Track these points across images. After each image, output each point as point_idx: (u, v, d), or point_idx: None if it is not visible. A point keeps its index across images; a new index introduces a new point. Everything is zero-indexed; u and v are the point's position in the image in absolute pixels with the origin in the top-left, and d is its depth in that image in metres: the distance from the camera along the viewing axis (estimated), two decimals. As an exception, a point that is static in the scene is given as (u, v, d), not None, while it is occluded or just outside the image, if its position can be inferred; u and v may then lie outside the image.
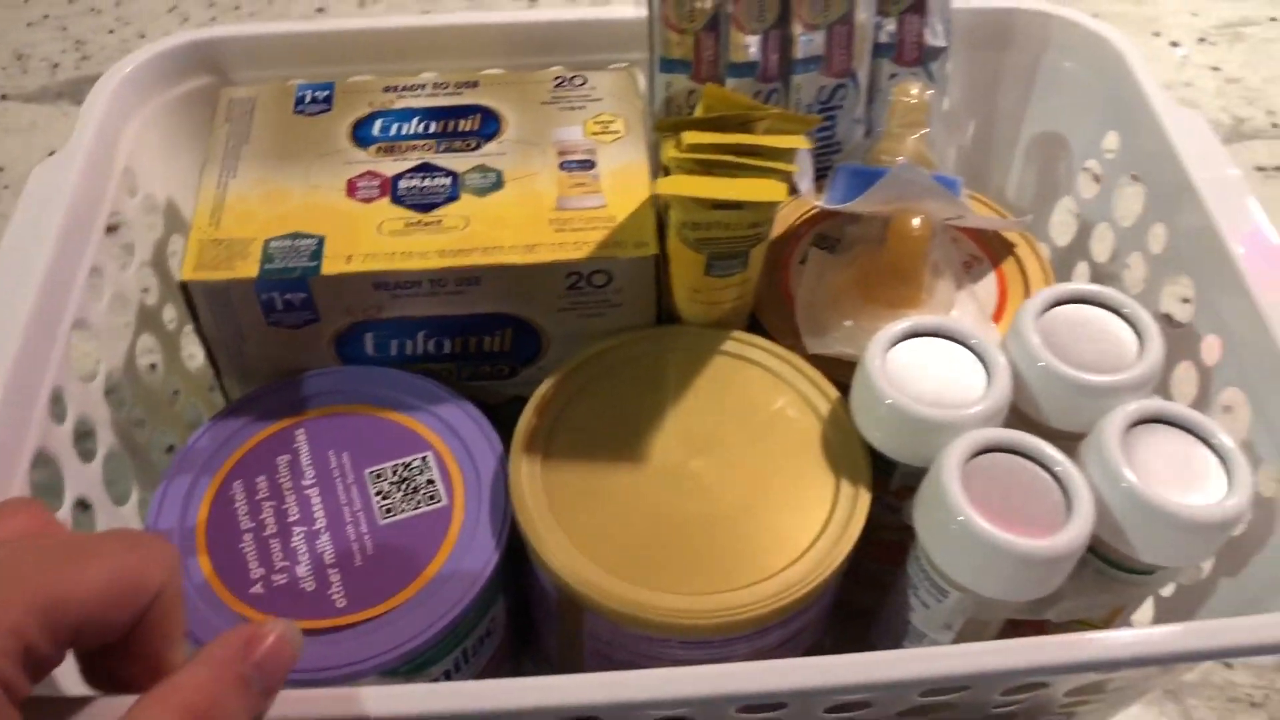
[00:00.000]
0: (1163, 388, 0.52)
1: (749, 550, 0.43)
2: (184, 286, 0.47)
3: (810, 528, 0.44)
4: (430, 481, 0.46)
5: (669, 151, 0.46)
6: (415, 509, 0.45)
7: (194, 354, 0.61)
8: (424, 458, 0.47)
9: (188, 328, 0.51)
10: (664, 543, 0.43)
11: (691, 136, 0.45)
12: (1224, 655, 0.39)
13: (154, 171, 0.56)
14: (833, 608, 0.48)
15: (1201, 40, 1.03)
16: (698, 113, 0.48)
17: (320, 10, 1.02)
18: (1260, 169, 0.90)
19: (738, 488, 0.45)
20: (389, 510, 0.45)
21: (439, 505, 0.45)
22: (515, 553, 0.46)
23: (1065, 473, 0.41)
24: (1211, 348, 0.49)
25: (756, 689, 0.37)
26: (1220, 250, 0.48)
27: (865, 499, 0.44)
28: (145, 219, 0.56)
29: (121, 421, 0.52)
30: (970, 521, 0.39)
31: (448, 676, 0.45)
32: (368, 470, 0.46)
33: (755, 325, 0.52)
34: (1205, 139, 0.52)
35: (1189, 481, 0.41)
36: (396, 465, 0.47)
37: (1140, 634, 0.38)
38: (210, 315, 0.48)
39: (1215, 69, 1.00)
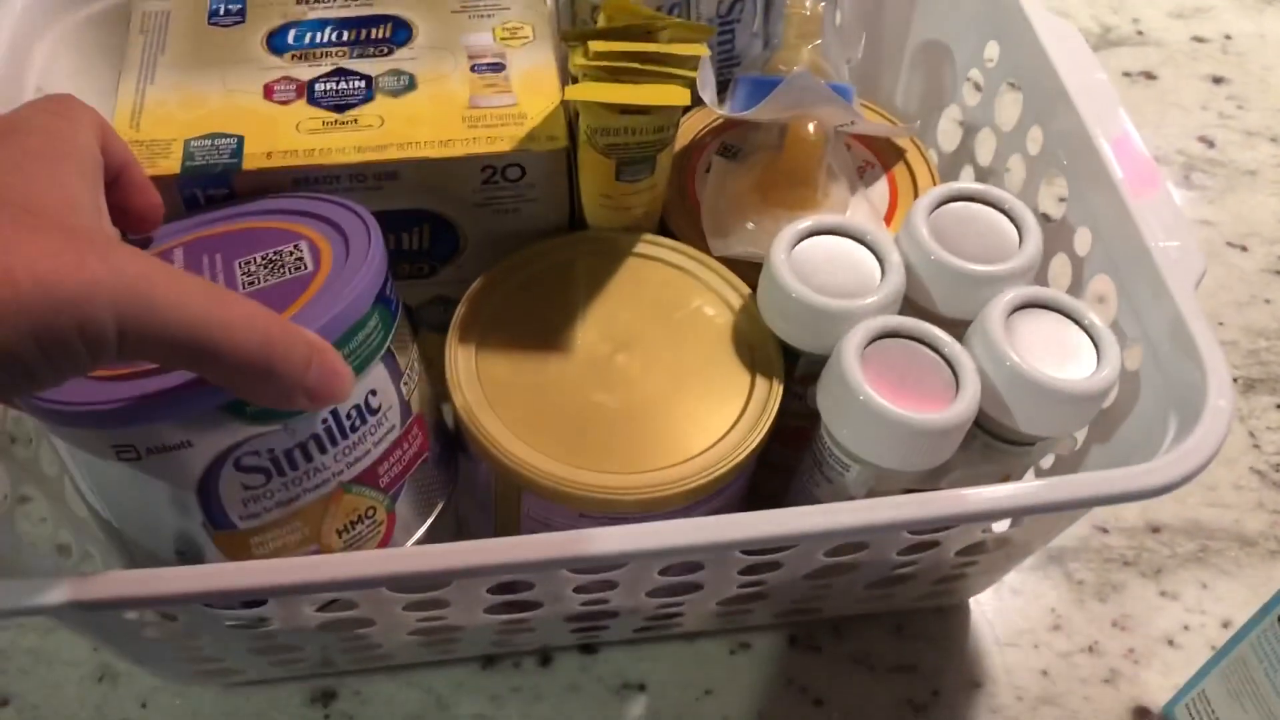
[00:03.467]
0: (1041, 277, 0.55)
1: (672, 435, 0.46)
2: (106, 186, 0.48)
3: (728, 414, 0.47)
4: (300, 260, 0.44)
5: (576, 60, 0.48)
6: (279, 278, 0.43)
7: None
8: (296, 244, 0.45)
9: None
10: (593, 429, 0.46)
11: (597, 45, 0.47)
12: (1085, 504, 0.42)
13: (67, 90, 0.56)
14: (747, 491, 0.51)
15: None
16: (600, 22, 0.50)
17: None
18: (1126, 74, 0.95)
19: (660, 379, 0.48)
20: (251, 284, 0.43)
21: (304, 272, 0.43)
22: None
23: (953, 353, 0.44)
24: (1083, 239, 0.53)
25: (679, 543, 0.40)
26: (1091, 151, 0.51)
27: (778, 387, 0.47)
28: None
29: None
30: (870, 399, 0.43)
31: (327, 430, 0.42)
32: (238, 261, 0.44)
33: (664, 231, 0.55)
34: (1078, 47, 0.55)
35: (1064, 359, 0.44)
36: (267, 253, 0.44)
37: (1013, 487, 0.42)
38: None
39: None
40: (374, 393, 0.43)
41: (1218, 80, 0.94)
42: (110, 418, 0.38)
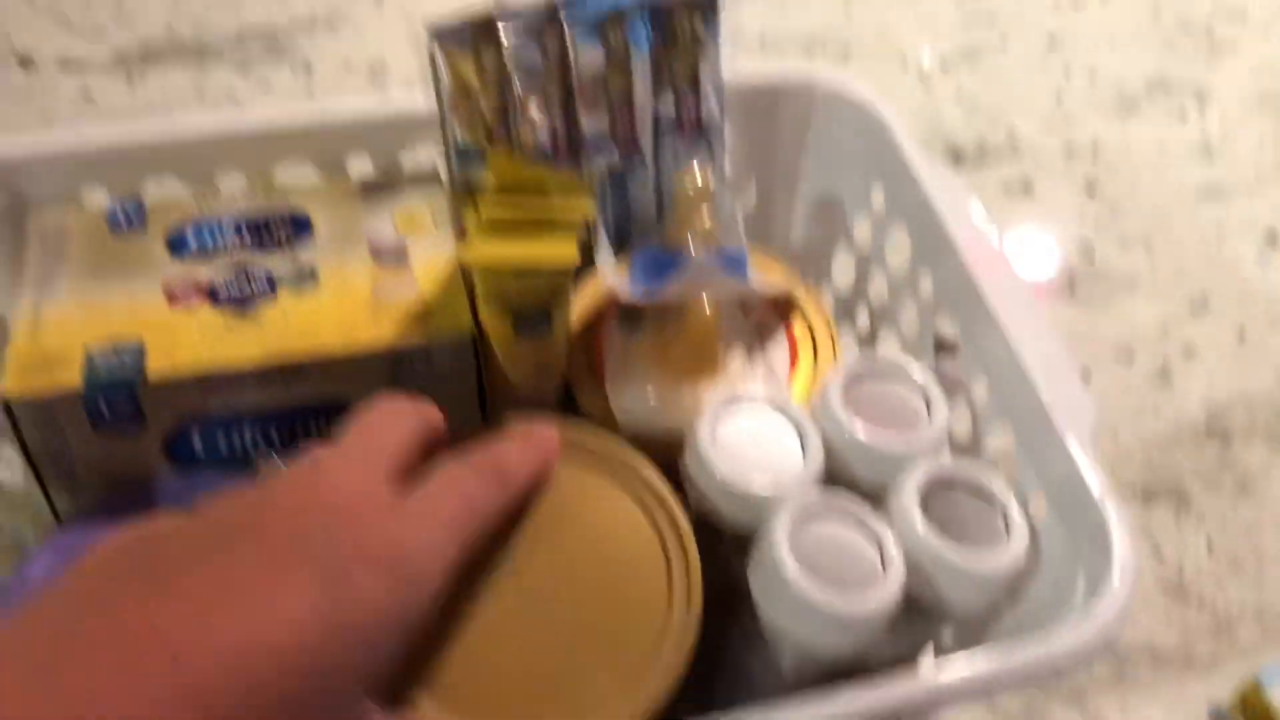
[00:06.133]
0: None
1: (606, 661, 0.43)
2: (5, 405, 0.48)
3: (653, 620, 0.44)
4: None
5: (468, 220, 0.49)
6: None
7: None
8: None
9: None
10: (521, 672, 0.42)
11: (488, 209, 0.48)
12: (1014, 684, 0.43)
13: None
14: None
15: (944, 67, 1.13)
16: (487, 181, 0.49)
17: (86, 95, 1.01)
18: (1004, 187, 0.99)
19: (575, 592, 0.44)
20: None
21: None
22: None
23: (880, 535, 0.46)
24: (980, 387, 0.55)
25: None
26: (978, 300, 0.53)
27: (696, 569, 0.45)
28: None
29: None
30: (802, 590, 0.43)
31: None
32: None
33: (570, 401, 0.55)
34: (959, 195, 0.58)
35: (979, 533, 0.46)
36: None
37: (945, 669, 0.42)
38: (34, 430, 0.49)
39: (958, 91, 1.09)
40: None
41: (1091, 189, 0.98)
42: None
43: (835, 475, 0.50)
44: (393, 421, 0.42)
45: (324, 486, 0.38)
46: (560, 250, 0.48)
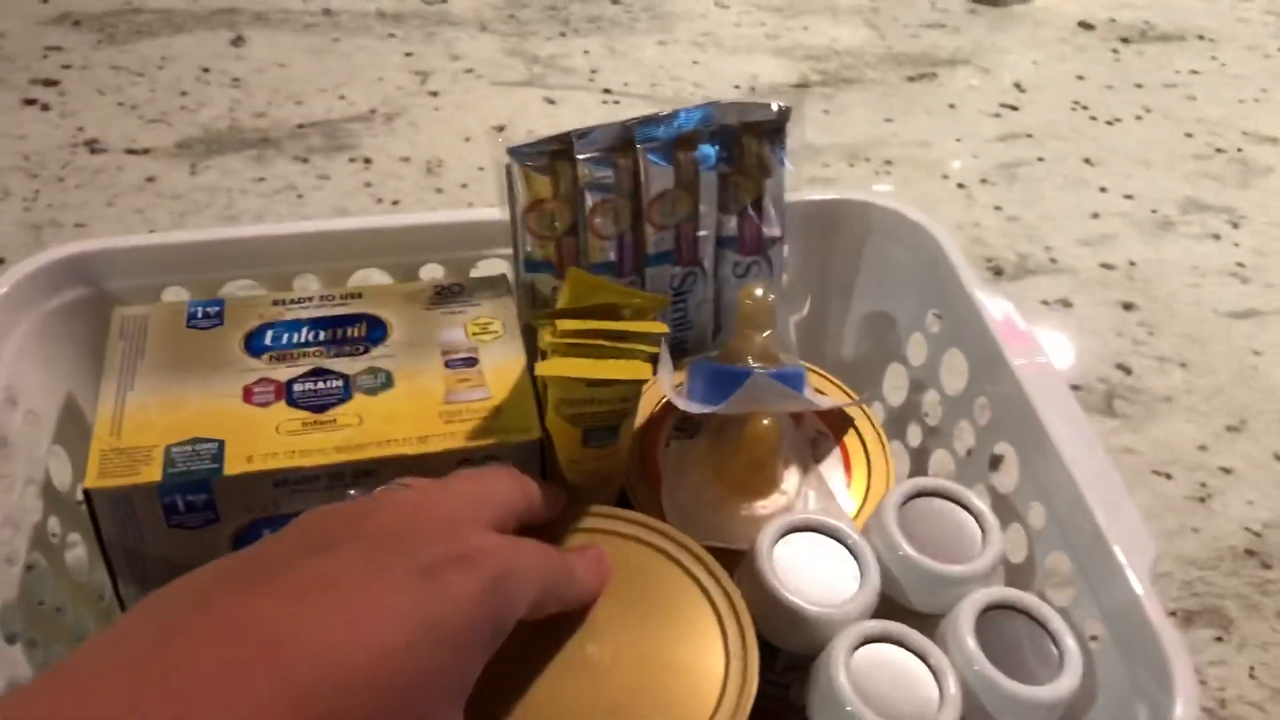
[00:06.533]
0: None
1: None
2: (87, 494, 0.49)
3: (704, 709, 0.45)
4: None
5: (545, 338, 0.50)
6: None
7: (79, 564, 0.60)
8: None
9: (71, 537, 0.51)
10: None
11: (565, 324, 0.50)
12: None
13: (33, 385, 0.57)
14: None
15: (984, 181, 1.15)
16: (563, 297, 0.52)
17: (150, 179, 1.04)
18: (1044, 302, 1.00)
19: (631, 670, 0.46)
20: None
21: None
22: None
23: (938, 664, 0.46)
24: (1037, 515, 0.56)
25: None
26: (1038, 428, 0.54)
27: (753, 682, 0.46)
28: (28, 432, 0.56)
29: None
30: (859, 714, 0.44)
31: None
32: None
33: (624, 502, 0.56)
34: (1016, 324, 0.59)
35: (1033, 662, 0.47)
36: None
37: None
38: (111, 523, 0.50)
39: (998, 208, 1.11)
40: None
41: (1128, 307, 1.00)
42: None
43: (887, 597, 0.51)
44: (499, 480, 0.44)
45: (424, 504, 0.39)
46: (633, 367, 0.49)
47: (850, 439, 0.61)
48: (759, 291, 0.59)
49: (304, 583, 0.34)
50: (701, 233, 0.61)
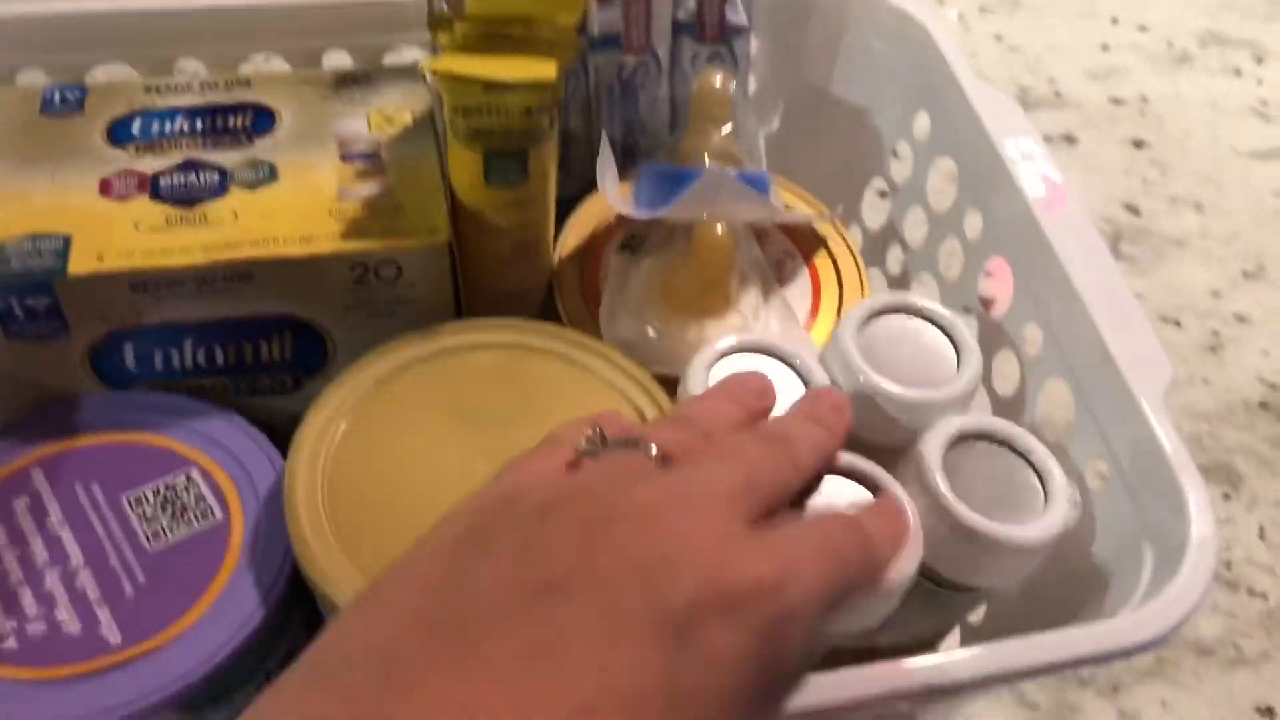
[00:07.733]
0: (984, 375, 0.50)
1: None
2: (-96, 300, 0.41)
3: None
4: (200, 499, 0.41)
5: (441, 39, 0.43)
6: (188, 528, 0.41)
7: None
8: (187, 475, 0.42)
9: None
10: None
11: (466, 28, 0.43)
12: (1062, 667, 0.36)
13: None
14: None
15: (983, 10, 1.05)
16: (470, 5, 0.43)
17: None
18: (1047, 137, 0.91)
19: None
20: (156, 534, 0.40)
21: (213, 521, 0.41)
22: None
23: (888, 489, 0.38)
24: (1034, 336, 0.48)
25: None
26: (1038, 238, 0.47)
27: None
28: None
29: None
30: None
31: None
32: (125, 496, 0.41)
33: (553, 314, 0.49)
34: (1018, 123, 0.51)
35: (1010, 501, 0.39)
36: (157, 487, 0.42)
37: (982, 654, 0.35)
38: (-63, 333, 0.42)
39: (998, 38, 1.02)
40: None
41: (1138, 144, 0.91)
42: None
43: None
44: (765, 450, 0.34)
45: (673, 507, 0.30)
46: (537, 65, 0.42)
47: (821, 259, 0.53)
48: (718, 79, 0.50)
49: (522, 651, 0.26)
50: (656, 14, 0.52)
